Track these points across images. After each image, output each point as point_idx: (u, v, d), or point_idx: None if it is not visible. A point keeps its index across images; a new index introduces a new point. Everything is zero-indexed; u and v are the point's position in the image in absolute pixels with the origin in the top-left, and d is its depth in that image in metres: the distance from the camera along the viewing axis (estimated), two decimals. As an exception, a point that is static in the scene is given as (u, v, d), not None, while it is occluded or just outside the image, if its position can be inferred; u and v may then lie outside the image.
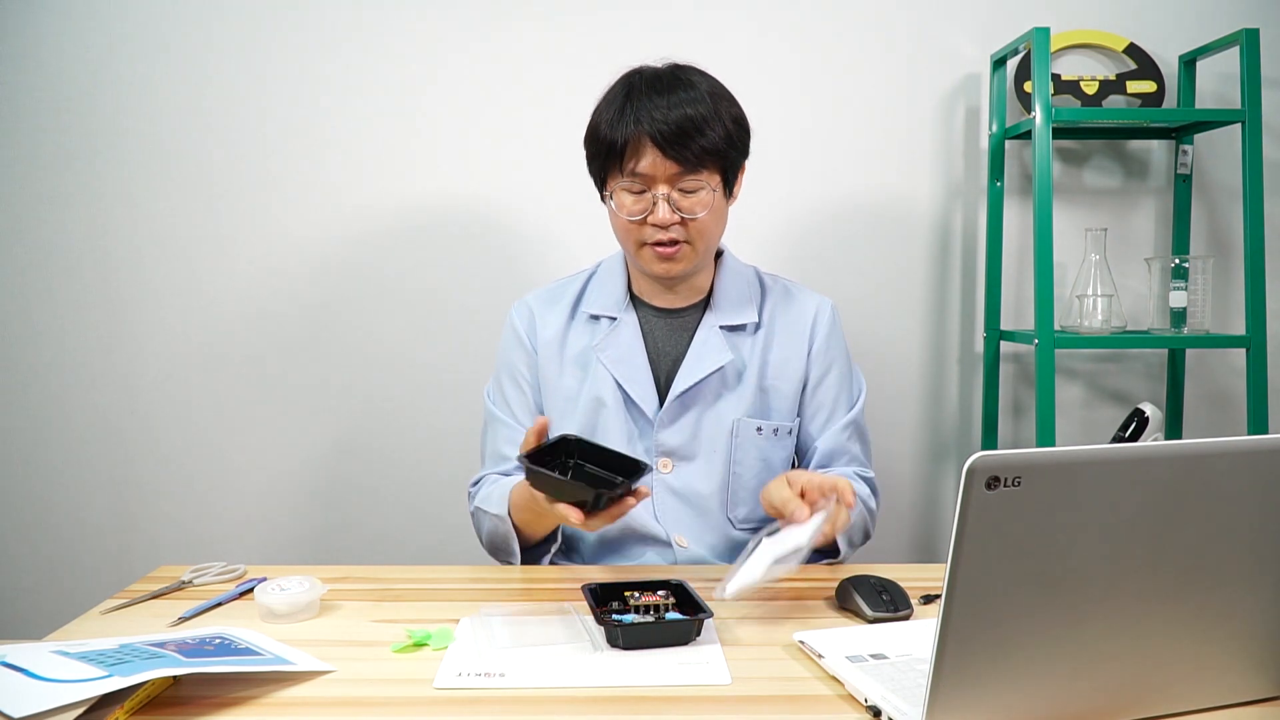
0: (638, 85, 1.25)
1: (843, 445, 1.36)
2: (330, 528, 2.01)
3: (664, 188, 1.24)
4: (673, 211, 1.24)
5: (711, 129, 1.22)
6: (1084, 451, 0.70)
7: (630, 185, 1.25)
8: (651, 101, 1.22)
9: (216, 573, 1.22)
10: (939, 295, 2.00)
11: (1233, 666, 0.81)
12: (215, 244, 1.95)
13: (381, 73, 1.92)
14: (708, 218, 1.26)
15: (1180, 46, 1.91)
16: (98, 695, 0.79)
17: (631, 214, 1.26)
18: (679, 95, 1.23)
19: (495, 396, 1.41)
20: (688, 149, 1.21)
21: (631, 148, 1.23)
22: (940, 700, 0.72)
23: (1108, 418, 2.01)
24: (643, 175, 1.24)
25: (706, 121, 1.22)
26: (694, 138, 1.21)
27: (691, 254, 1.28)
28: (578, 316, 1.38)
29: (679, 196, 1.24)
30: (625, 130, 1.22)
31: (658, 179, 1.23)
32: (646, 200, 1.25)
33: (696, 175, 1.24)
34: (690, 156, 1.22)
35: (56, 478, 1.99)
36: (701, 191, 1.25)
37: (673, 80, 1.25)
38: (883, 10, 1.93)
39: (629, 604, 1.02)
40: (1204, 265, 1.83)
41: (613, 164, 1.26)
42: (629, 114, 1.23)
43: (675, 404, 1.32)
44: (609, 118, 1.25)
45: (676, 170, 1.23)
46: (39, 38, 1.90)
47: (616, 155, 1.24)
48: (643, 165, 1.23)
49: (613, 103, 1.26)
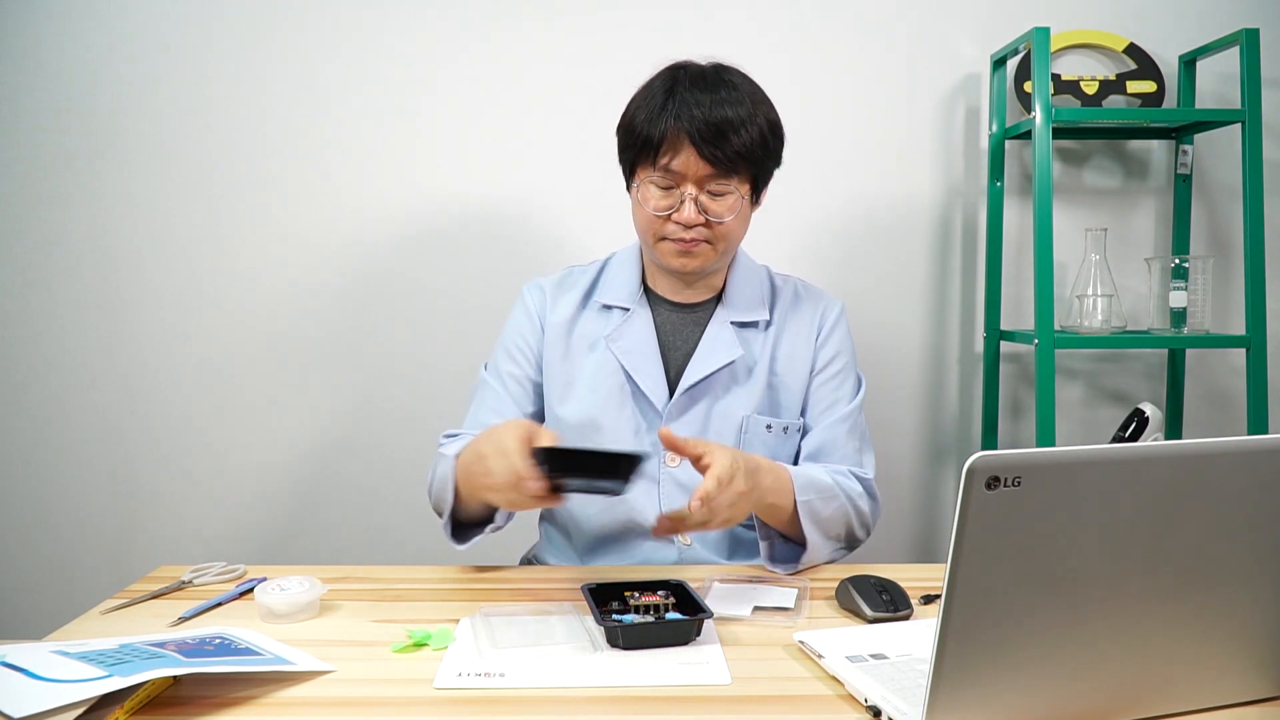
0: (682, 80, 1.24)
1: (836, 439, 1.34)
2: (330, 528, 2.01)
3: (693, 188, 1.23)
4: (698, 213, 1.24)
5: (748, 132, 1.22)
6: (1084, 451, 0.70)
7: (660, 180, 1.25)
8: (694, 98, 1.21)
9: (216, 573, 1.22)
10: (939, 295, 2.00)
11: (1233, 666, 0.81)
12: (215, 244, 1.95)
13: (382, 72, 1.92)
14: (733, 222, 1.26)
15: (1180, 46, 1.91)
16: (98, 695, 0.79)
17: (658, 209, 1.25)
18: (721, 95, 1.22)
19: (491, 365, 1.41)
20: (722, 151, 1.21)
21: (668, 143, 1.22)
22: (940, 700, 0.72)
23: (1108, 418, 2.01)
24: (674, 172, 1.23)
25: (744, 125, 1.21)
26: (730, 141, 1.21)
27: (711, 254, 1.28)
28: (590, 305, 1.38)
29: (707, 199, 1.24)
30: (664, 124, 1.22)
31: (688, 178, 1.23)
32: (674, 197, 1.24)
33: (727, 179, 1.23)
34: (724, 159, 1.21)
35: (56, 478, 1.99)
36: (729, 196, 1.24)
37: (716, 80, 1.24)
38: (883, 10, 1.93)
39: (629, 604, 1.02)
40: (1204, 265, 1.83)
41: (645, 156, 1.25)
42: (670, 109, 1.22)
43: (684, 397, 1.32)
44: (648, 110, 1.24)
45: (709, 172, 1.22)
46: (39, 38, 1.90)
47: (651, 148, 1.23)
48: (676, 162, 1.23)
49: (653, 95, 1.25)
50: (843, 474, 1.30)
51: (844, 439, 1.34)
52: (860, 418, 1.37)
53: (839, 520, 1.25)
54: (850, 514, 1.27)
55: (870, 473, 1.34)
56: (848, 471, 1.31)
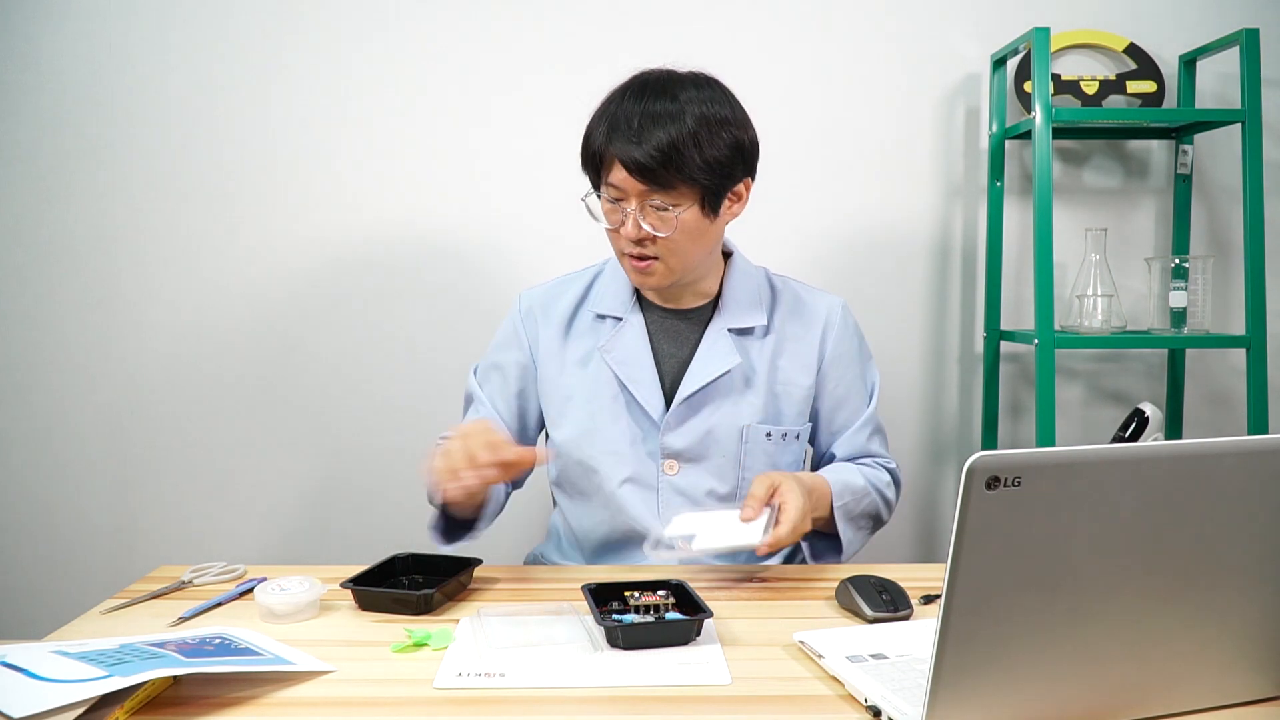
0: (624, 95, 1.22)
1: (862, 445, 1.38)
2: (330, 528, 2.01)
3: (635, 202, 1.21)
4: (638, 229, 1.21)
5: (684, 153, 1.16)
6: (1084, 451, 0.70)
7: (608, 194, 1.24)
8: (628, 113, 1.19)
9: (216, 573, 1.22)
10: (939, 295, 2.00)
11: (1233, 666, 0.81)
12: (215, 244, 1.95)
13: (383, 77, 1.92)
14: (678, 237, 1.22)
15: (1180, 46, 1.91)
16: (98, 695, 0.79)
17: (610, 222, 1.25)
18: (657, 108, 1.17)
19: (480, 377, 1.42)
20: (654, 173, 1.17)
21: (607, 160, 1.22)
22: (940, 700, 0.72)
23: (1108, 418, 2.01)
24: (615, 187, 1.22)
25: (678, 145, 1.16)
26: (662, 163, 1.16)
27: (665, 270, 1.25)
28: (583, 315, 1.37)
29: (651, 214, 1.21)
30: (599, 140, 1.21)
31: (630, 194, 1.21)
32: (620, 211, 1.23)
33: (667, 195, 1.20)
34: (657, 179, 1.18)
35: (56, 478, 1.99)
36: (670, 212, 1.20)
37: (659, 91, 1.20)
38: (882, 10, 1.93)
39: (629, 604, 1.02)
40: (1204, 265, 1.83)
41: (594, 172, 1.26)
42: (605, 125, 1.21)
43: (682, 407, 1.30)
44: (594, 124, 1.24)
45: (644, 188, 1.20)
46: (39, 38, 1.90)
47: (594, 165, 1.24)
48: (615, 179, 1.21)
49: (604, 108, 1.24)
50: (871, 466, 1.37)
51: (868, 440, 1.39)
52: (878, 414, 1.42)
53: (870, 513, 1.33)
54: (879, 504, 1.34)
55: (894, 461, 1.42)
56: (874, 463, 1.38)
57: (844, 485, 1.28)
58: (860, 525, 1.31)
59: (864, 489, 1.31)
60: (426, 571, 1.18)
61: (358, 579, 1.12)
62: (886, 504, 1.36)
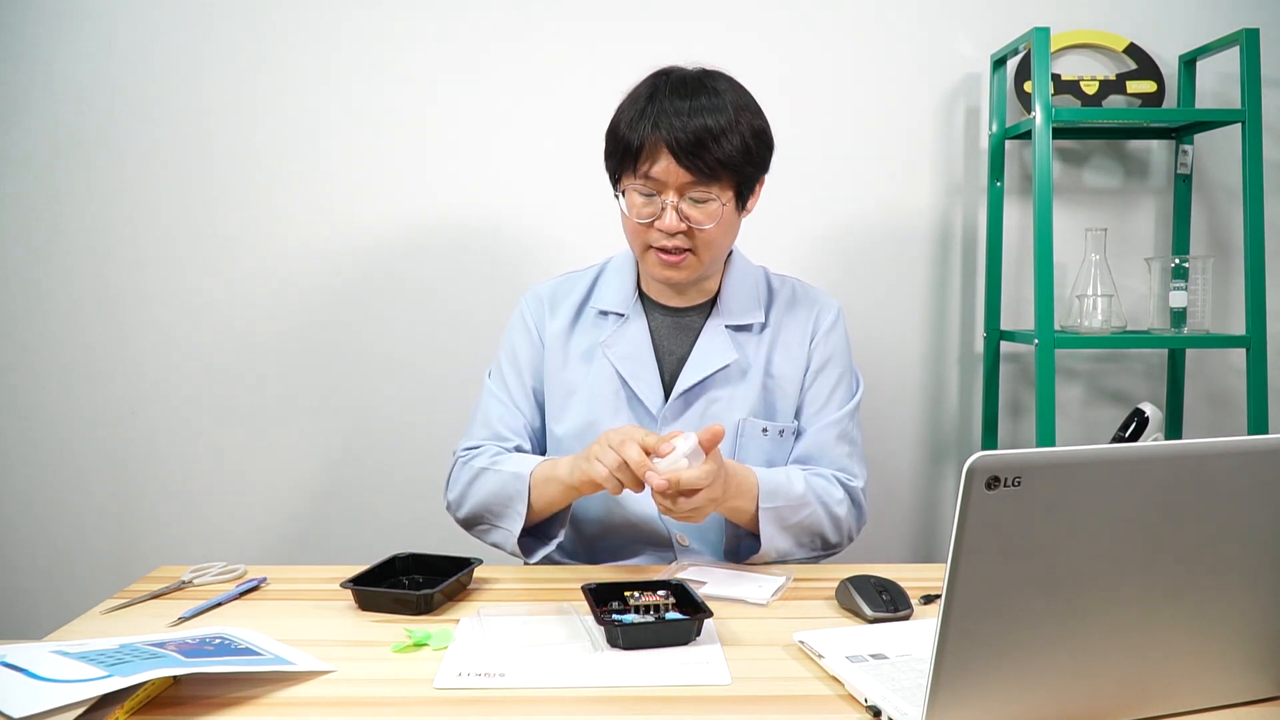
0: (662, 88, 1.24)
1: (825, 444, 1.33)
2: (330, 528, 2.01)
3: (674, 195, 1.23)
4: (680, 220, 1.23)
5: (729, 141, 1.21)
6: (1084, 451, 0.70)
7: (642, 187, 1.24)
8: (672, 106, 1.21)
9: (216, 573, 1.22)
10: (939, 295, 2.00)
11: (1233, 666, 0.81)
12: (215, 244, 1.95)
13: (381, 78, 1.92)
14: (715, 229, 1.25)
15: (1180, 46, 1.91)
16: (98, 695, 0.79)
17: (641, 216, 1.26)
18: (701, 102, 1.21)
19: (496, 376, 1.42)
20: (702, 159, 1.20)
21: (647, 151, 1.22)
22: (940, 700, 0.72)
23: (1108, 418, 2.01)
24: (655, 180, 1.23)
25: (725, 133, 1.21)
26: (710, 149, 1.20)
27: (696, 263, 1.28)
28: (586, 312, 1.39)
29: (688, 206, 1.23)
30: (642, 132, 1.22)
31: (669, 185, 1.23)
32: (656, 204, 1.24)
33: (708, 187, 1.23)
34: (704, 167, 1.21)
35: (56, 478, 1.99)
36: (711, 203, 1.24)
37: (698, 86, 1.23)
38: (883, 10, 1.93)
39: (629, 604, 1.02)
40: (1204, 265, 1.83)
41: (628, 164, 1.25)
42: (649, 116, 1.22)
43: (679, 401, 1.32)
44: (629, 117, 1.24)
45: (689, 180, 1.22)
46: (38, 37, 1.90)
47: (632, 156, 1.24)
48: (656, 170, 1.22)
49: (636, 102, 1.25)
50: (825, 479, 1.30)
51: (832, 444, 1.33)
52: (852, 424, 1.36)
53: (810, 528, 1.26)
54: (823, 521, 1.27)
55: (858, 481, 1.33)
56: (831, 476, 1.31)
57: (775, 487, 1.23)
58: (800, 541, 1.25)
59: (801, 498, 1.24)
60: (426, 571, 1.19)
61: (358, 579, 1.12)
62: (834, 522, 1.27)
